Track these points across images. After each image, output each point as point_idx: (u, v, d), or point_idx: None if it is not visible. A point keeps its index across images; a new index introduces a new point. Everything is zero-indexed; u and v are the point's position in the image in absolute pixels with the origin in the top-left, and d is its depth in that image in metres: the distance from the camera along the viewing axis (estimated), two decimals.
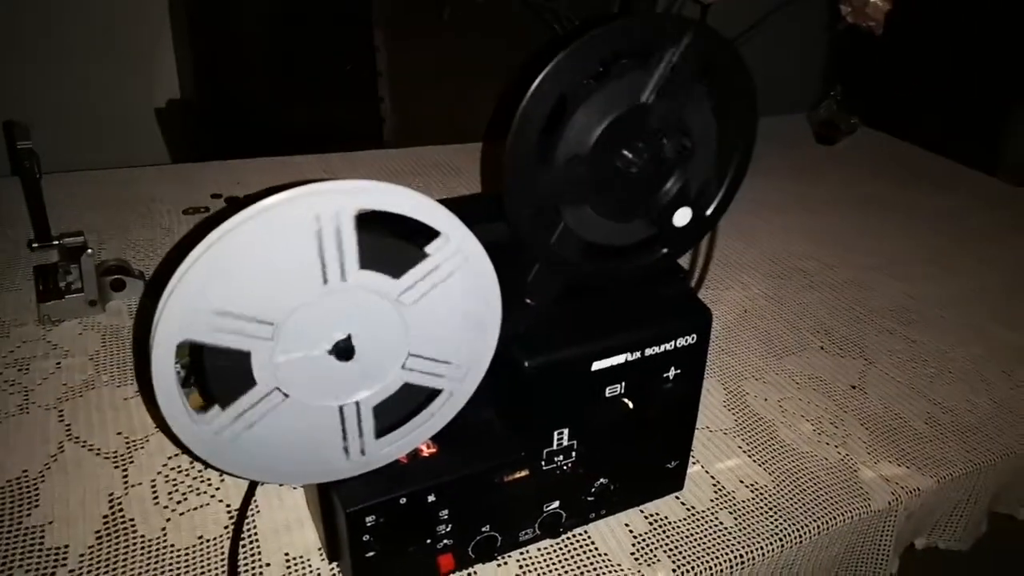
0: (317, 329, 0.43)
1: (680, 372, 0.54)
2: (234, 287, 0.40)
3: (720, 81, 0.49)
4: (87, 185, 1.03)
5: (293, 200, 0.39)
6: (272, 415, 0.44)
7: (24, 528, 0.55)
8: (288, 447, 0.46)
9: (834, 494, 0.65)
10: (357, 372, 0.45)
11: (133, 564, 0.53)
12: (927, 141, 1.44)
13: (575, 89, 0.45)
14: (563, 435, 0.52)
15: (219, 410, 0.43)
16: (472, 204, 0.52)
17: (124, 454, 0.62)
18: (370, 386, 0.46)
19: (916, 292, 0.96)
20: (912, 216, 1.17)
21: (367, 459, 0.48)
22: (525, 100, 0.43)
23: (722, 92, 0.49)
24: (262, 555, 0.55)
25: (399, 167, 1.17)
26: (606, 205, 0.49)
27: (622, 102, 0.46)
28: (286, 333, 0.42)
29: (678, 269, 0.56)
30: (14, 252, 0.86)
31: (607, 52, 0.44)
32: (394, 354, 0.46)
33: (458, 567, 0.54)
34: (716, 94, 0.49)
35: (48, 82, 1.61)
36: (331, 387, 0.45)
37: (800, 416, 0.74)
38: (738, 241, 1.05)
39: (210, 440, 0.43)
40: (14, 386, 0.68)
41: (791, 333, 0.87)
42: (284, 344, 0.42)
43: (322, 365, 0.44)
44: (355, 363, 0.44)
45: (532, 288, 0.51)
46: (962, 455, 0.71)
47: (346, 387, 0.45)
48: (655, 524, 0.60)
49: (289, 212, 0.39)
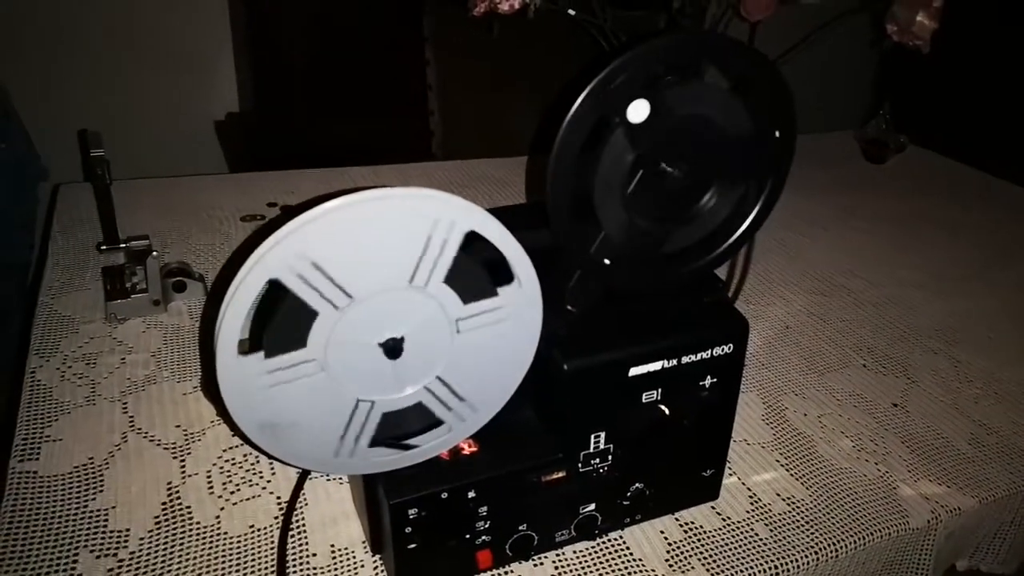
0: (383, 320, 0.46)
1: (716, 381, 0.55)
2: (338, 250, 0.42)
3: (760, 97, 0.50)
4: (152, 192, 1.08)
5: (428, 198, 0.42)
6: (300, 383, 0.45)
7: (89, 511, 0.59)
8: (294, 421, 0.47)
9: (872, 510, 0.65)
10: (390, 373, 0.47)
11: (189, 548, 0.56)
12: (976, 160, 1.42)
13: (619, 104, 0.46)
14: (599, 438, 0.54)
15: (262, 356, 0.44)
16: (518, 212, 0.54)
17: (182, 446, 0.66)
18: (439, 361, 0.48)
19: (962, 311, 0.95)
20: (959, 234, 1.16)
21: (353, 461, 0.50)
22: (570, 113, 0.45)
23: (761, 108, 0.51)
24: (309, 546, 0.58)
25: (448, 179, 1.20)
26: (645, 213, 0.51)
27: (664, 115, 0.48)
28: (355, 311, 0.44)
29: (716, 279, 0.58)
30: (84, 254, 0.91)
31: (650, 68, 0.46)
32: (427, 370, 0.48)
33: (496, 564, 0.55)
34: (756, 110, 0.51)
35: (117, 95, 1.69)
36: (362, 378, 0.47)
37: (840, 432, 0.74)
38: (781, 257, 1.06)
39: (237, 379, 0.44)
40: (82, 379, 0.72)
41: (833, 350, 0.87)
42: (349, 320, 0.45)
43: (366, 353, 0.46)
44: (394, 365, 0.47)
45: (572, 294, 0.52)
46: (1006, 476, 0.70)
47: (417, 372, 0.48)
48: (690, 532, 0.61)
49: (418, 206, 0.43)
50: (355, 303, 0.44)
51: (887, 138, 1.40)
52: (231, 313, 0.42)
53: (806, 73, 1.86)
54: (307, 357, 0.45)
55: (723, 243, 0.54)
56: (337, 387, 0.46)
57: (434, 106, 1.40)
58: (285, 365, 0.45)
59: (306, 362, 0.45)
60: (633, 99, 0.46)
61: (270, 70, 1.62)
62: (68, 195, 1.04)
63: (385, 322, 0.46)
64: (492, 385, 0.51)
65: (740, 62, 0.48)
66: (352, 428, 0.48)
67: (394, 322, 0.46)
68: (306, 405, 0.46)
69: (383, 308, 0.45)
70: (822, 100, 1.98)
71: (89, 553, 0.55)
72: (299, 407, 0.46)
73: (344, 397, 0.47)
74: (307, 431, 0.47)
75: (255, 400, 0.45)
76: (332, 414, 0.47)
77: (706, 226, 0.54)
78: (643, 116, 0.46)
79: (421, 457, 0.51)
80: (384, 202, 0.42)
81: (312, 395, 0.46)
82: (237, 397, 0.45)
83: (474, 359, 0.49)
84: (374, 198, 0.41)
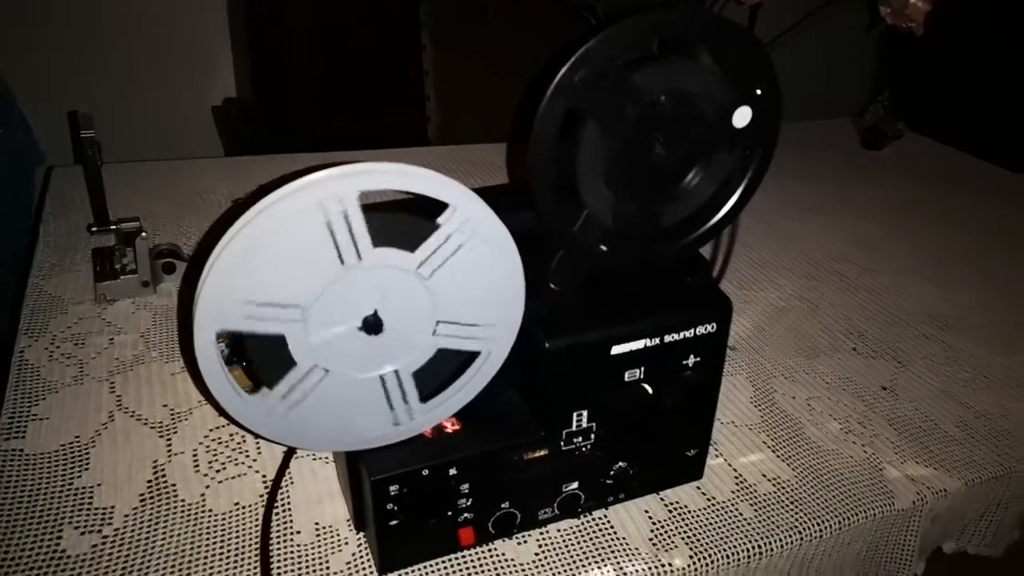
0: (344, 307, 0.46)
1: (699, 360, 0.55)
2: (257, 278, 0.42)
3: (747, 77, 0.50)
4: (144, 175, 1.08)
5: (295, 193, 0.41)
6: (318, 390, 0.47)
7: (74, 488, 0.59)
8: (340, 417, 0.49)
9: (857, 491, 0.65)
10: (389, 343, 0.47)
11: (173, 525, 0.57)
12: (975, 148, 1.41)
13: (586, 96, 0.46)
14: (582, 417, 0.54)
15: (267, 390, 0.46)
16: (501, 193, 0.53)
17: (169, 425, 0.66)
18: (404, 355, 0.48)
19: (955, 297, 0.95)
20: (954, 221, 1.16)
21: (416, 423, 0.51)
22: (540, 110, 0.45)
23: (748, 88, 0.50)
24: (294, 523, 0.58)
25: (443, 164, 1.20)
26: (628, 193, 0.51)
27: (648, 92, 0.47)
28: (316, 314, 0.45)
29: (701, 260, 0.58)
30: (75, 236, 0.91)
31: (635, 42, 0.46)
32: (423, 323, 0.48)
33: (478, 541, 0.55)
34: (742, 89, 0.50)
35: (115, 80, 1.69)
36: (367, 359, 0.48)
37: (828, 415, 0.74)
38: (776, 243, 1.05)
39: (265, 418, 0.47)
40: (70, 359, 0.72)
41: (824, 334, 0.87)
42: (315, 324, 0.45)
43: (355, 340, 0.47)
44: (386, 335, 0.47)
45: (556, 274, 0.52)
46: (993, 459, 0.70)
47: (381, 358, 0.48)
48: (674, 512, 0.61)
49: (293, 204, 0.41)
50: (309, 308, 0.44)
51: (885, 125, 1.39)
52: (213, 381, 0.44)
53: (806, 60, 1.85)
54: (305, 369, 0.46)
55: (708, 222, 0.54)
56: (351, 376, 0.47)
57: (430, 92, 1.40)
58: (292, 385, 0.46)
59: (308, 373, 0.46)
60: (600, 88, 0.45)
61: (267, 55, 1.62)
62: (61, 177, 1.04)
63: (349, 307, 0.46)
64: (497, 297, 0.49)
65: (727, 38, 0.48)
66: (395, 398, 0.49)
67: (358, 303, 0.46)
68: (340, 402, 0.48)
69: (338, 298, 0.45)
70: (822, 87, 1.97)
71: (74, 529, 0.56)
72: (335, 407, 0.48)
73: (366, 380, 0.48)
74: (359, 419, 0.49)
75: (295, 422, 0.47)
76: (368, 397, 0.48)
77: (691, 205, 0.54)
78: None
79: (482, 384, 0.52)
80: (262, 216, 0.41)
81: (338, 393, 0.47)
82: (278, 430, 0.48)
83: (463, 288, 0.48)
84: (250, 219, 0.41)
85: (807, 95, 1.75)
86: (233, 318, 0.43)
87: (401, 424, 0.50)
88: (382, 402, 0.49)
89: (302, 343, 0.45)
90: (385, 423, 0.50)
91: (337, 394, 0.48)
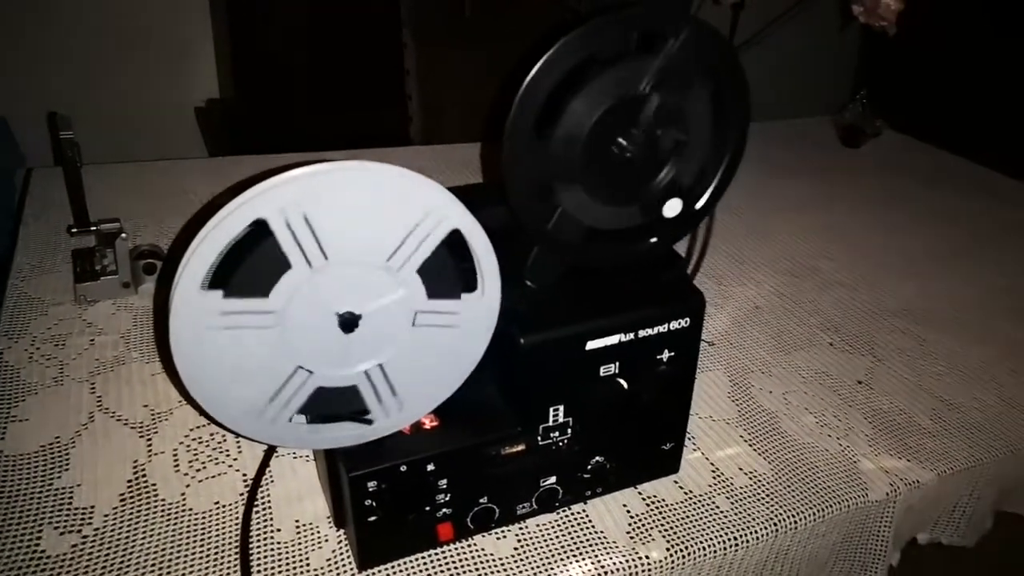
0: (318, 308, 0.46)
1: (674, 355, 0.56)
2: (331, 209, 0.43)
3: (716, 76, 0.51)
4: (125, 176, 1.07)
5: (427, 187, 0.43)
6: (250, 333, 0.45)
7: (55, 489, 0.59)
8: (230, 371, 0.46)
9: (832, 484, 0.66)
10: (369, 338, 0.48)
11: (154, 524, 0.57)
12: (955, 146, 1.43)
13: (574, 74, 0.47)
14: (558, 412, 0.54)
15: (220, 295, 0.44)
16: (476, 191, 0.54)
17: (149, 425, 0.66)
18: (387, 349, 0.49)
19: (930, 292, 0.97)
20: (930, 217, 1.17)
21: (271, 428, 0.49)
22: (524, 84, 0.45)
23: (718, 87, 0.51)
24: (274, 521, 0.58)
25: (426, 164, 1.20)
26: (601, 191, 0.51)
27: (620, 90, 0.48)
28: (290, 317, 0.45)
29: (676, 255, 0.58)
30: (55, 237, 0.91)
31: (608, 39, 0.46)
32: (400, 315, 0.48)
33: (457, 537, 0.56)
34: (712, 88, 0.51)
35: (93, 80, 1.68)
36: (349, 356, 0.48)
37: (804, 409, 0.75)
38: (755, 239, 1.06)
39: (191, 313, 0.44)
40: (51, 360, 0.72)
41: (801, 329, 0.88)
42: (317, 282, 0.45)
43: (333, 339, 0.47)
44: (363, 331, 0.47)
45: (532, 270, 0.53)
46: (966, 451, 0.71)
47: (363, 354, 0.48)
48: (652, 505, 0.62)
49: (416, 192, 0.43)
50: (329, 266, 0.44)
51: (863, 123, 1.41)
52: (207, 245, 0.42)
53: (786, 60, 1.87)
54: (267, 308, 0.45)
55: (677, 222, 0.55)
56: (284, 347, 0.46)
57: (412, 91, 1.40)
58: (243, 310, 0.44)
59: (264, 312, 0.45)
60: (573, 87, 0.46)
61: (249, 56, 1.62)
62: (41, 179, 1.04)
63: (323, 307, 0.46)
64: (426, 388, 0.51)
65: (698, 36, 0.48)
66: (283, 394, 0.48)
67: (331, 302, 0.46)
68: (247, 358, 0.46)
69: (352, 279, 0.45)
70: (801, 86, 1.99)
71: (53, 530, 0.56)
72: (240, 358, 0.46)
73: (287, 360, 0.47)
74: (240, 386, 0.47)
75: (200, 338, 0.44)
76: (269, 375, 0.47)
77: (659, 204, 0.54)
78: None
79: (333, 444, 0.51)
80: (387, 177, 0.43)
81: (257, 349, 0.46)
82: (184, 331, 0.44)
83: (419, 357, 0.50)
84: (209, 230, 0.41)
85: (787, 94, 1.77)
86: (279, 214, 0.42)
87: (391, 416, 0.51)
88: (371, 396, 0.50)
89: (281, 346, 0.46)
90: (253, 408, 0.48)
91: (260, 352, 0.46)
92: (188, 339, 0.44)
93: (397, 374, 0.50)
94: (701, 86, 0.51)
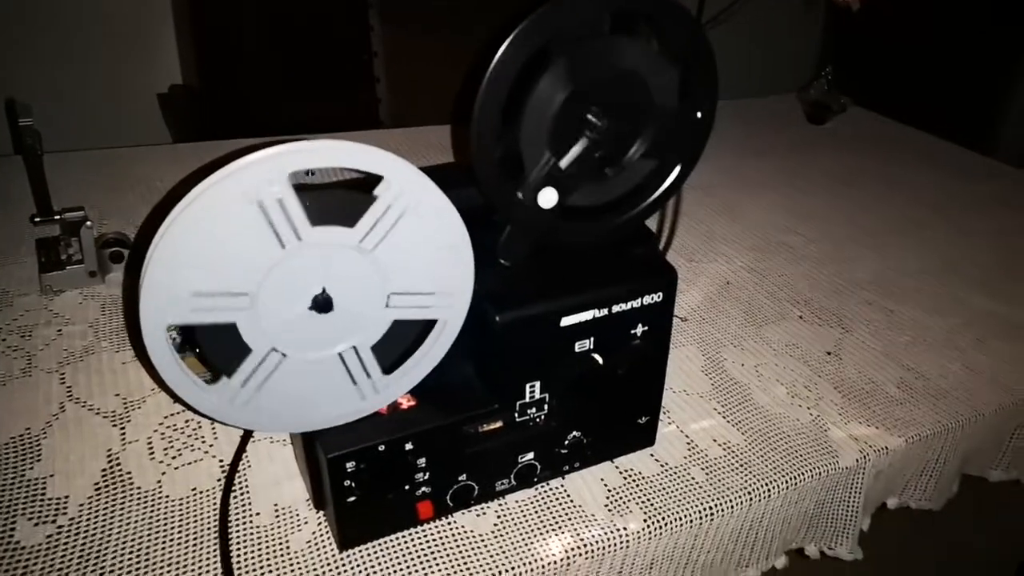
0: (291, 289, 0.46)
1: (647, 329, 0.56)
2: (199, 269, 0.42)
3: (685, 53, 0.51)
4: (88, 164, 1.05)
5: (222, 180, 0.41)
6: (278, 373, 0.47)
7: (27, 480, 0.58)
8: (305, 398, 0.49)
9: (804, 452, 0.67)
10: (343, 320, 0.48)
11: (130, 512, 0.56)
12: (920, 121, 1.46)
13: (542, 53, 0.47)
14: (535, 388, 0.55)
15: (227, 379, 0.46)
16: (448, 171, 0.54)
17: (122, 414, 0.65)
18: (360, 330, 0.49)
19: (896, 264, 0.99)
20: (896, 191, 1.19)
21: (382, 396, 0.51)
22: (493, 63, 0.45)
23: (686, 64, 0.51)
24: (252, 505, 0.58)
25: (396, 147, 1.18)
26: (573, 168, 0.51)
27: (589, 69, 0.48)
28: (264, 299, 0.45)
29: (647, 232, 0.59)
30: (17, 228, 0.89)
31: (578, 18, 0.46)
32: (374, 297, 0.48)
33: (437, 515, 0.56)
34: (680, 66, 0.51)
35: (53, 67, 1.64)
36: (323, 338, 0.48)
37: (775, 381, 0.76)
38: (724, 216, 1.08)
39: (228, 407, 0.46)
40: (17, 351, 0.71)
41: (771, 304, 0.89)
42: (265, 309, 0.45)
43: (307, 321, 0.47)
44: (338, 313, 0.47)
45: (504, 249, 0.53)
46: (932, 417, 0.73)
47: (337, 336, 0.48)
48: (629, 479, 0.63)
49: (222, 193, 0.41)
50: (256, 294, 0.44)
51: (828, 100, 1.42)
52: (170, 378, 0.43)
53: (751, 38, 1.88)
54: (261, 355, 0.46)
55: (652, 193, 0.55)
56: (257, 329, 0.46)
57: (380, 73, 1.39)
58: (250, 371, 0.46)
59: (264, 358, 0.46)
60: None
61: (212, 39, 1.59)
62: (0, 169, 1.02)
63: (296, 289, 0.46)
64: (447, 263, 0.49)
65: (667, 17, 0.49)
66: (356, 374, 0.49)
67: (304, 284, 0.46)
68: (302, 383, 0.47)
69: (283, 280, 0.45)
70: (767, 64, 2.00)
71: (27, 521, 0.55)
72: (298, 388, 0.47)
73: (325, 359, 0.48)
74: (324, 398, 0.48)
75: (260, 407, 0.47)
76: (331, 376, 0.48)
77: (635, 178, 0.55)
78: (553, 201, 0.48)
79: (442, 352, 0.52)
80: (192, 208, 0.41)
81: (298, 374, 0.47)
82: (244, 417, 0.47)
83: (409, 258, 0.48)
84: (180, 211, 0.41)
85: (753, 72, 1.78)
86: (180, 311, 0.43)
87: (367, 399, 0.51)
88: (345, 379, 0.50)
89: (255, 329, 0.45)
90: (352, 399, 0.50)
91: (299, 376, 0.48)
92: (251, 418, 0.45)
93: (370, 355, 0.50)
94: (670, 63, 0.51)
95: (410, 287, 0.49)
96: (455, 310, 0.51)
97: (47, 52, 1.63)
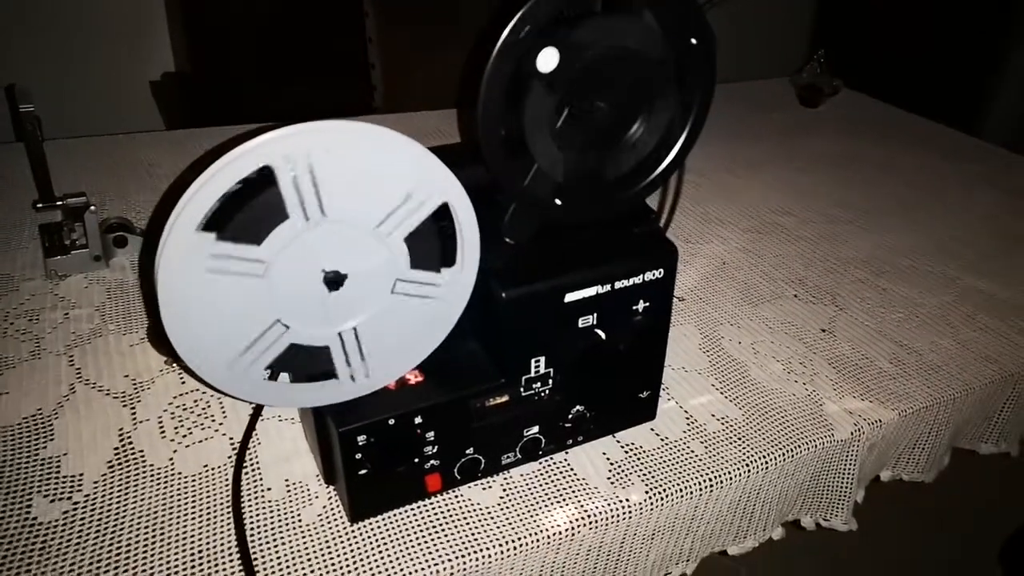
0: (306, 262, 0.47)
1: (649, 305, 0.58)
2: (335, 166, 0.44)
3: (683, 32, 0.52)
4: (87, 151, 1.06)
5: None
6: (236, 280, 0.45)
7: (41, 459, 0.59)
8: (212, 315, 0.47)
9: (799, 425, 0.69)
10: (349, 300, 0.49)
11: (144, 488, 0.58)
12: (911, 104, 1.47)
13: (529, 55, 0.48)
14: (540, 363, 0.56)
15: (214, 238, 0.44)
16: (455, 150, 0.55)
17: (132, 394, 0.66)
18: (363, 312, 0.50)
19: (889, 243, 1.00)
20: (888, 172, 1.21)
21: (238, 381, 0.49)
22: (486, 74, 0.46)
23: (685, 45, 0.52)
24: (263, 481, 0.59)
25: None
26: (576, 147, 0.53)
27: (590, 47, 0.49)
28: (277, 268, 0.46)
29: (648, 210, 0.60)
30: (20, 214, 0.90)
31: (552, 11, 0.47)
32: (382, 281, 0.49)
33: (445, 487, 0.58)
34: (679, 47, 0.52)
35: (45, 55, 1.64)
36: (327, 315, 0.49)
37: (771, 357, 0.78)
38: (720, 198, 1.09)
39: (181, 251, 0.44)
40: (26, 335, 0.72)
41: (767, 283, 0.91)
42: (277, 279, 0.46)
43: (315, 295, 0.48)
44: (345, 292, 0.48)
45: (509, 227, 0.54)
46: (924, 391, 0.75)
47: (340, 315, 0.49)
48: (630, 452, 0.64)
49: (417, 160, 0.44)
50: (324, 223, 0.45)
51: (821, 83, 1.44)
52: (211, 186, 0.42)
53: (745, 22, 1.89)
54: (257, 256, 0.45)
55: (653, 171, 0.57)
56: (267, 299, 0.47)
57: (375, 59, 1.39)
58: (233, 255, 0.44)
59: (254, 261, 0.45)
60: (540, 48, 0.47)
61: (204, 27, 1.59)
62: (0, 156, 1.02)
63: (311, 263, 0.47)
64: (394, 356, 0.53)
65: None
66: (257, 347, 0.48)
67: (319, 259, 0.47)
68: (229, 305, 0.46)
69: (300, 253, 0.46)
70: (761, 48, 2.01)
71: (43, 498, 0.56)
72: (222, 305, 0.46)
73: (267, 312, 0.47)
74: (217, 333, 0.47)
75: (188, 279, 0.44)
76: (248, 325, 0.47)
77: (637, 155, 0.56)
78: (553, 63, 0.48)
79: (439, 338, 0.53)
80: (394, 144, 0.45)
81: (240, 298, 0.46)
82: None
83: (393, 325, 0.51)
84: (217, 170, 0.42)
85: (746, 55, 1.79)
86: (286, 162, 0.43)
87: (232, 371, 0.49)
88: (340, 359, 0.51)
89: (263, 297, 0.46)
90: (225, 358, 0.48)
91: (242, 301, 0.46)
92: (175, 278, 0.44)
93: (368, 338, 0.51)
94: (669, 44, 0.52)
95: (417, 275, 0.50)
96: (455, 300, 0.53)
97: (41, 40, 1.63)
